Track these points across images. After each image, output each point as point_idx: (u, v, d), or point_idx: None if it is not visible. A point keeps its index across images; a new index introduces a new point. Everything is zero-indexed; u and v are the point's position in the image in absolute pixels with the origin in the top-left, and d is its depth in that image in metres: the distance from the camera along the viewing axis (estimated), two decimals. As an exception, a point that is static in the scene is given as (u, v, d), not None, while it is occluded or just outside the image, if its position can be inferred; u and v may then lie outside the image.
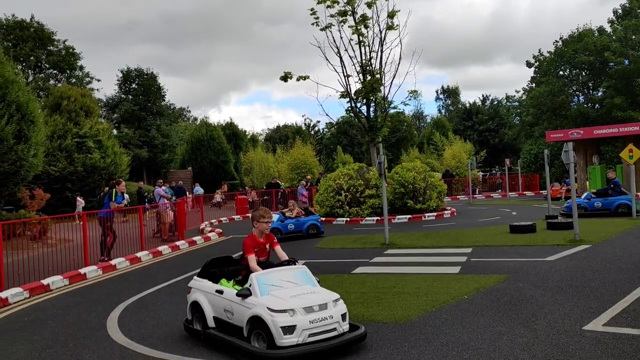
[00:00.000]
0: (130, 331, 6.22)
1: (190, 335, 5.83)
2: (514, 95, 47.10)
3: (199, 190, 30.75)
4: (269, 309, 4.83)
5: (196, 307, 5.73)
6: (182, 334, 6.00)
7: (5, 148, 15.34)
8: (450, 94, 73.98)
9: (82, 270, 10.11)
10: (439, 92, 75.46)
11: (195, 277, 6.01)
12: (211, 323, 5.50)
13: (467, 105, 57.95)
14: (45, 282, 9.09)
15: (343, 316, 5.08)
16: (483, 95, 59.99)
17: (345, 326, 5.08)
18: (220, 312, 5.42)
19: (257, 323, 4.91)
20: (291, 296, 5.01)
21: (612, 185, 16.59)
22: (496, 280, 7.90)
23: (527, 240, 11.69)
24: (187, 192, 26.15)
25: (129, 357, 5.31)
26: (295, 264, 5.77)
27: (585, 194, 17.22)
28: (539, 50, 37.46)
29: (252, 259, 5.58)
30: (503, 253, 10.41)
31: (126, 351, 5.50)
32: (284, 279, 5.32)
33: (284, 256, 5.90)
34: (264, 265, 5.70)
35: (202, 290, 5.74)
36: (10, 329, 6.65)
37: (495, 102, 57.44)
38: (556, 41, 36.10)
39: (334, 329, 4.96)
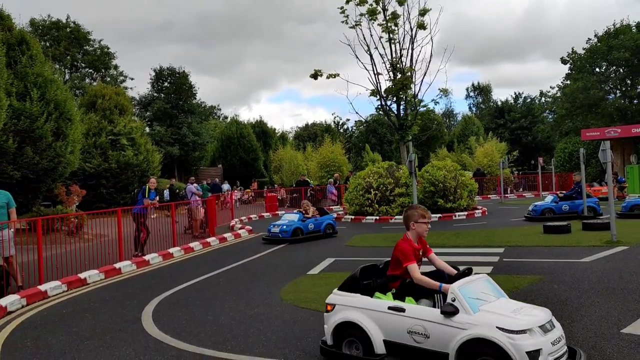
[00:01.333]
0: (164, 325, 6.34)
1: None
2: (548, 91, 46.16)
3: (225, 187, 31.23)
4: (501, 329, 3.91)
5: (348, 328, 4.63)
6: (213, 329, 6.09)
7: (44, 145, 15.82)
8: (481, 91, 72.88)
9: (117, 265, 10.34)
10: (470, 89, 74.46)
11: (336, 291, 4.94)
12: (381, 349, 4.47)
13: (499, 103, 56.98)
14: (82, 275, 9.33)
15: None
16: (515, 93, 58.89)
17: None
18: (399, 334, 4.39)
19: (481, 348, 3.94)
20: (512, 311, 4.14)
21: (577, 189, 16.53)
22: (530, 281, 7.76)
23: (561, 241, 11.45)
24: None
25: (163, 350, 5.42)
26: (471, 273, 4.72)
27: (552, 197, 16.82)
28: (572, 49, 36.63)
29: (415, 269, 4.65)
30: (537, 254, 10.22)
31: (160, 345, 5.61)
32: (482, 290, 4.42)
33: (444, 264, 4.97)
34: (434, 276, 4.75)
35: (359, 307, 4.63)
36: (50, 320, 6.86)
37: (529, 100, 56.31)
38: (589, 39, 35.21)
39: (566, 352, 4.12)
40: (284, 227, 13.97)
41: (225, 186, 31.60)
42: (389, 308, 4.48)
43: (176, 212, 14.13)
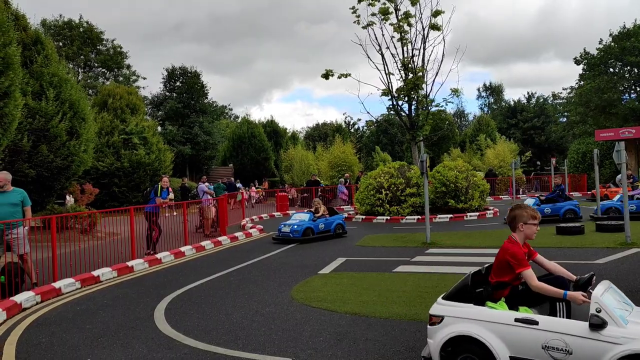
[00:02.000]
0: (176, 323, 6.38)
1: None
2: (561, 93, 45.75)
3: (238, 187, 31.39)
4: None
5: (464, 343, 4.09)
6: (225, 327, 6.12)
7: (59, 143, 15.99)
8: (493, 91, 72.44)
9: (129, 263, 10.42)
10: (481, 89, 74.04)
11: (441, 300, 4.35)
12: None
13: (512, 103, 56.60)
14: (95, 273, 9.42)
15: None
16: (528, 93, 58.48)
17: None
18: (531, 350, 3.88)
19: None
20: None
21: (559, 192, 16.34)
22: (542, 282, 7.70)
23: (575, 242, 11.36)
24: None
25: (176, 348, 5.46)
26: (594, 278, 4.29)
27: (534, 200, 16.54)
28: (584, 49, 36.32)
29: (532, 275, 4.16)
30: (549, 255, 10.10)
31: (173, 342, 5.65)
32: (617, 298, 4.04)
33: (559, 268, 4.53)
34: (554, 282, 4.27)
35: (478, 319, 4.08)
36: (64, 317, 6.93)
37: (541, 100, 55.88)
38: (602, 40, 34.86)
39: None
40: (295, 226, 13.89)
41: (238, 185, 31.80)
42: (517, 320, 3.94)
43: (187, 210, 14.21)
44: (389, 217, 18.68)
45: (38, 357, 5.31)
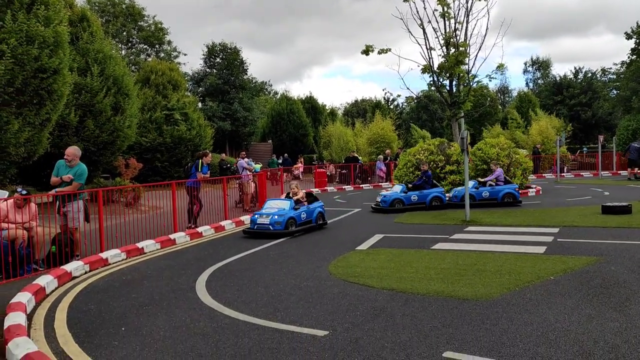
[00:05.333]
0: (217, 294, 6.56)
1: None
2: (610, 68, 43.80)
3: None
4: None
5: None
6: (264, 299, 6.25)
7: (104, 119, 16.44)
8: (540, 66, 70.01)
9: (171, 236, 10.72)
10: (528, 64, 71.65)
11: None
12: None
13: (558, 78, 54.58)
14: (139, 245, 9.74)
15: None
16: (575, 68, 56.07)
17: None
18: None
19: None
20: None
21: (425, 178, 15.75)
22: (586, 262, 7.54)
23: (621, 222, 11.01)
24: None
25: (216, 318, 5.62)
26: None
27: (401, 187, 15.76)
28: (637, 23, 34.51)
29: None
30: (594, 234, 9.88)
31: (214, 312, 5.82)
32: None
33: None
34: None
35: None
36: (112, 286, 7.23)
37: (589, 75, 53.67)
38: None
39: None
40: (276, 216, 11.17)
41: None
42: None
43: (227, 186, 14.44)
44: (427, 195, 18.50)
45: (88, 323, 5.57)
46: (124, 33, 43.63)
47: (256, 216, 11.50)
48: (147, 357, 4.56)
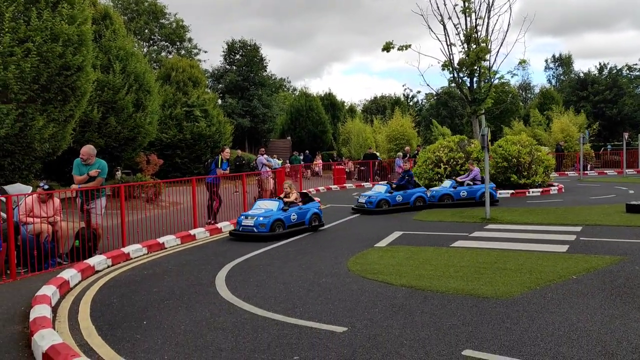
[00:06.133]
0: (236, 290, 6.62)
1: None
2: (636, 65, 42.87)
3: (276, 162, 32.05)
4: None
5: None
6: (283, 295, 6.28)
7: (126, 115, 16.67)
8: (562, 62, 68.89)
9: (191, 232, 10.82)
10: (549, 61, 70.57)
11: None
12: None
13: (581, 74, 53.63)
14: (160, 240, 9.86)
15: None
16: (600, 64, 54.97)
17: None
18: None
19: None
20: None
21: (407, 177, 15.10)
22: (609, 261, 7.42)
23: (645, 221, 10.80)
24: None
25: (236, 313, 5.67)
26: None
27: (386, 187, 15.10)
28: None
29: None
30: (618, 233, 9.72)
31: (233, 307, 5.87)
32: None
33: None
34: None
35: None
36: (133, 280, 7.33)
37: (614, 71, 52.63)
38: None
39: None
40: (261, 218, 10.56)
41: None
42: None
43: (246, 181, 14.52)
44: (447, 192, 18.39)
45: (110, 316, 5.67)
46: (146, 31, 44.08)
47: (242, 217, 10.80)
48: (168, 351, 4.62)
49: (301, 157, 33.96)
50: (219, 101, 40.31)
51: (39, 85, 11.00)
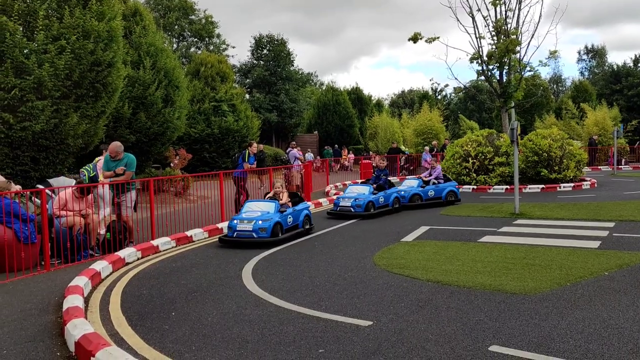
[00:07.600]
0: (262, 283, 6.68)
1: None
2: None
3: (310, 156, 31.91)
4: None
5: None
6: (309, 289, 6.32)
7: (155, 111, 16.94)
8: (595, 54, 67.08)
9: (219, 225, 10.95)
10: (582, 52, 68.80)
11: None
12: None
13: (615, 67, 52.11)
14: (188, 233, 10.00)
15: None
16: (635, 56, 53.30)
17: None
18: None
19: None
20: None
21: (382, 175, 14.32)
22: (643, 258, 7.23)
23: (681, 218, 10.48)
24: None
25: (262, 306, 5.73)
26: None
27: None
28: None
29: None
30: (651, 230, 9.45)
31: (260, 300, 5.93)
32: None
33: None
34: None
35: None
36: (162, 272, 7.47)
37: (651, 63, 50.93)
38: None
39: None
40: (260, 221, 9.33)
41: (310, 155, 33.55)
42: None
43: (273, 175, 14.60)
44: (475, 187, 18.18)
45: (140, 307, 5.79)
46: (177, 27, 44.66)
47: (235, 221, 9.48)
48: (195, 342, 4.70)
49: (332, 152, 34.17)
50: (247, 96, 40.58)
51: (72, 82, 11.26)
